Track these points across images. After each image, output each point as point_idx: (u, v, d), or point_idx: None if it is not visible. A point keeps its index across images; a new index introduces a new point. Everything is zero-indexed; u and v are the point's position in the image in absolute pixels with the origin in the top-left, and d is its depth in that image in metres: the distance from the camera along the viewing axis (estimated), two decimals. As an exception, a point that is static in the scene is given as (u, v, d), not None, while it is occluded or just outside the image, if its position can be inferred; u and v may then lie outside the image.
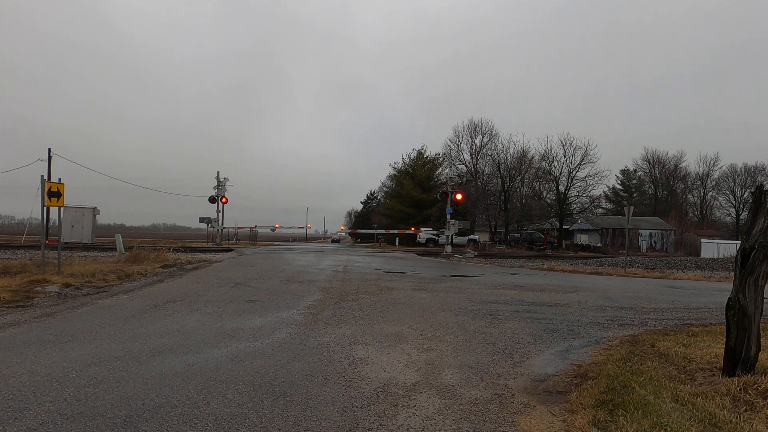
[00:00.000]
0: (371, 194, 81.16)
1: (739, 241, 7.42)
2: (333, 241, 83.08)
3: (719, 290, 11.76)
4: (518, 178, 43.55)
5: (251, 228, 41.54)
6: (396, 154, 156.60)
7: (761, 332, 3.86)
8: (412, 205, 48.92)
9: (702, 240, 43.31)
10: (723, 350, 3.90)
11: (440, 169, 51.34)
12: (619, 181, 70.68)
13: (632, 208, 19.26)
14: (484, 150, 45.42)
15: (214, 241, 35.18)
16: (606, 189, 64.18)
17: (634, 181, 70.32)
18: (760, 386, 3.36)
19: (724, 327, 3.84)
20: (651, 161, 66.42)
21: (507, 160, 43.36)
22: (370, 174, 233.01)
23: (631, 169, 69.62)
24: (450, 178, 34.83)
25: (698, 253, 40.67)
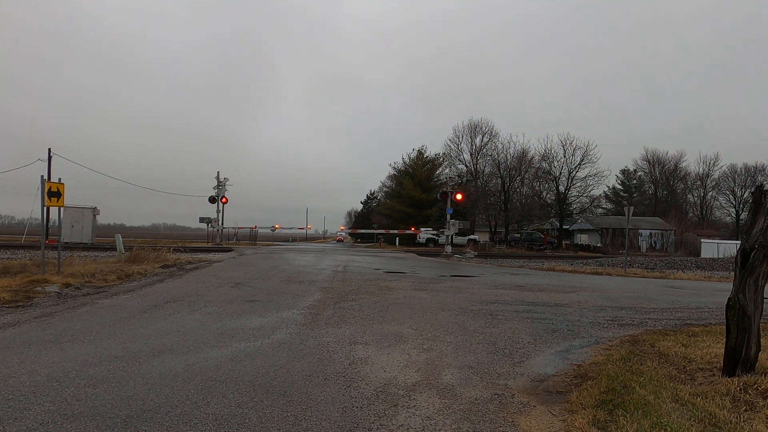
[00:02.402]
0: (371, 194, 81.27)
1: (739, 241, 7.43)
2: (338, 240, 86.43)
3: (719, 290, 11.76)
4: (518, 178, 43.56)
5: (251, 228, 41.55)
6: (395, 150, 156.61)
7: (761, 332, 3.85)
8: (412, 205, 48.92)
9: (702, 240, 43.32)
10: (723, 350, 3.90)
11: (440, 169, 51.41)
12: (619, 181, 70.73)
13: (632, 208, 19.26)
14: (484, 150, 45.50)
15: (214, 241, 35.18)
16: (606, 189, 64.24)
17: (634, 181, 70.32)
18: (760, 386, 3.36)
19: (724, 327, 3.85)
20: (651, 161, 66.53)
21: (507, 160, 43.42)
22: (369, 172, 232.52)
23: (631, 169, 69.70)
24: (450, 178, 34.86)
25: (698, 253, 40.68)
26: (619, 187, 70.82)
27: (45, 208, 10.28)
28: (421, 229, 41.56)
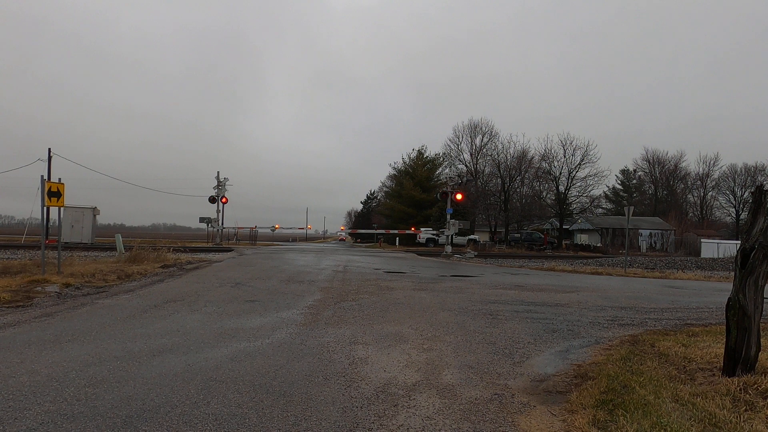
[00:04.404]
0: (371, 194, 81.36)
1: (739, 241, 7.43)
2: (340, 240, 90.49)
3: (719, 290, 11.76)
4: (518, 178, 43.62)
5: (251, 228, 41.55)
6: (394, 147, 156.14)
7: (761, 332, 3.86)
8: (412, 205, 48.95)
9: (702, 240, 43.28)
10: (723, 350, 3.90)
11: (440, 169, 51.49)
12: (619, 181, 70.78)
13: (632, 208, 19.25)
14: (484, 150, 45.65)
15: (214, 241, 35.19)
16: (606, 189, 64.25)
17: (634, 181, 70.36)
18: (760, 386, 3.36)
19: (724, 327, 3.85)
20: (651, 161, 66.60)
21: (507, 160, 43.52)
22: (369, 171, 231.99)
23: (631, 169, 69.78)
24: (450, 178, 34.88)
25: (698, 253, 40.64)
26: (619, 187, 70.87)
27: (45, 208, 10.28)
28: (421, 229, 41.55)
